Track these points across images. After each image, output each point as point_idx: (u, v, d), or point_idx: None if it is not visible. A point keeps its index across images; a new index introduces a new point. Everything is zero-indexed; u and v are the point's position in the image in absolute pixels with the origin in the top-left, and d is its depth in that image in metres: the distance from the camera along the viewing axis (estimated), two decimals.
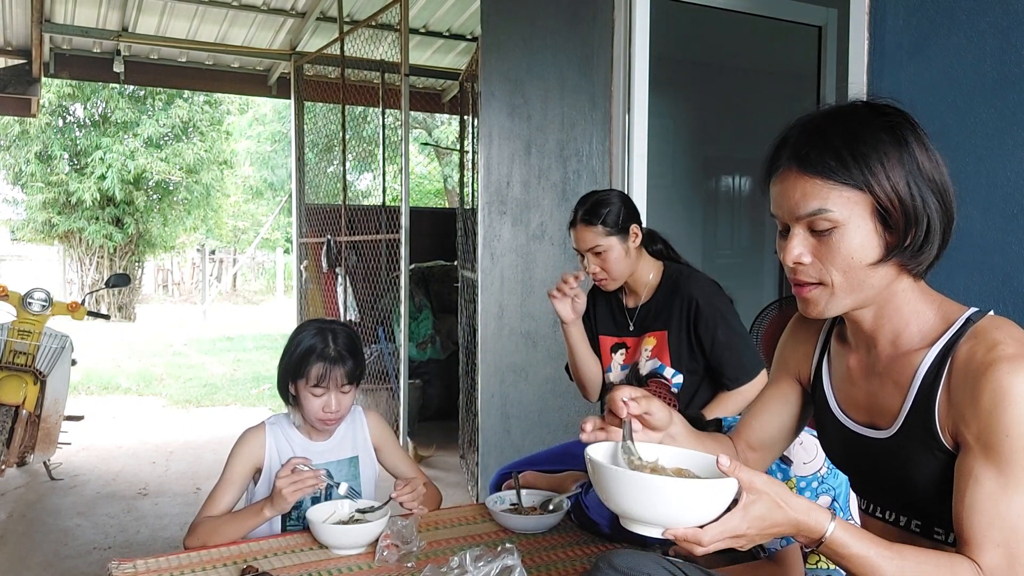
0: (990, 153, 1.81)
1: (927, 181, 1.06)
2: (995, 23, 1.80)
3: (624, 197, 2.23)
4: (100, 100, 13.58)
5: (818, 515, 1.01)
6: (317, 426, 2.02)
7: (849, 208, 1.04)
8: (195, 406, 6.93)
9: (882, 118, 1.07)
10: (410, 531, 1.83)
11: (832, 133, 1.06)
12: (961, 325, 1.09)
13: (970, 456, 1.03)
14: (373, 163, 6.23)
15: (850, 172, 1.04)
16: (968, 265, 1.84)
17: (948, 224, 1.08)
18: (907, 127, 1.07)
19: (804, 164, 1.06)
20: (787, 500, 1.01)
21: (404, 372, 4.89)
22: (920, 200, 1.05)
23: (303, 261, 6.81)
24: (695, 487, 0.99)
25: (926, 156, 1.06)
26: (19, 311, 4.16)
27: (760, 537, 1.01)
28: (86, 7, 5.84)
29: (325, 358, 1.94)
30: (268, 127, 17.37)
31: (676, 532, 0.98)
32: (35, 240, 14.43)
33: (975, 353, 1.05)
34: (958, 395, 1.05)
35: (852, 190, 1.04)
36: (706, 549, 0.98)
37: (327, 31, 6.29)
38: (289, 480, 1.83)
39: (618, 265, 2.17)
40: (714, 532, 0.98)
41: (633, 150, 2.77)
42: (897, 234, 1.05)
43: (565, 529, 2.05)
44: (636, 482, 0.98)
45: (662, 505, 0.97)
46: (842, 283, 1.08)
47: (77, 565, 3.36)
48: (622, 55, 2.80)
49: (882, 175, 1.03)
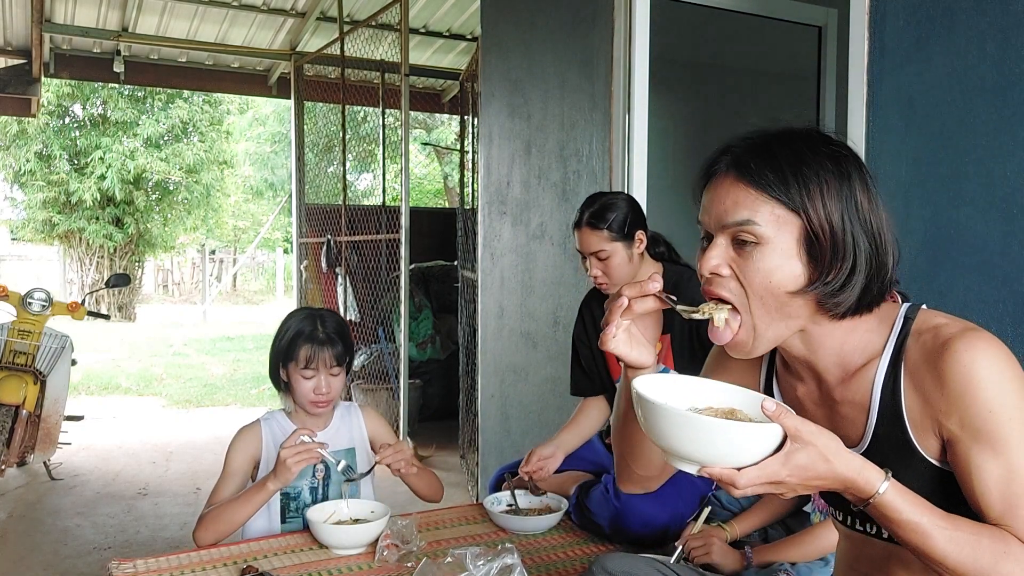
0: (990, 153, 1.81)
1: (862, 221, 1.02)
2: (995, 23, 1.80)
3: (632, 202, 2.19)
4: (99, 100, 13.57)
5: (870, 474, 0.96)
6: (309, 410, 2.04)
7: (777, 226, 1.01)
8: (195, 406, 6.93)
9: (830, 147, 1.05)
10: (410, 531, 1.83)
11: (778, 149, 1.03)
12: (901, 327, 1.06)
13: (962, 447, 1.00)
14: (373, 163, 6.23)
15: (787, 190, 1.01)
16: (967, 267, 1.84)
17: (876, 272, 1.03)
18: (853, 163, 1.05)
19: (742, 172, 1.04)
20: (837, 453, 0.96)
21: (404, 372, 4.89)
22: (851, 237, 1.01)
23: (303, 261, 6.81)
24: (738, 429, 0.96)
25: (866, 196, 1.03)
26: (19, 311, 4.16)
27: (802, 487, 0.96)
28: (86, 7, 5.84)
29: (314, 340, 1.98)
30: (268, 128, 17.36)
31: (712, 471, 0.95)
32: (35, 240, 14.43)
33: (925, 346, 1.03)
34: (924, 393, 1.02)
35: (784, 209, 1.01)
36: (743, 492, 0.95)
37: (327, 31, 6.29)
38: (293, 450, 1.85)
39: (620, 271, 2.13)
40: (751, 475, 0.94)
41: (633, 150, 2.77)
42: (820, 267, 1.01)
43: (565, 529, 2.05)
44: (678, 419, 0.96)
45: (702, 444, 0.95)
46: (759, 308, 1.03)
47: (77, 565, 3.36)
48: (622, 55, 2.80)
49: (819, 201, 1.00)
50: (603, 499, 2.01)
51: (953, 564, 0.96)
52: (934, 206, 1.93)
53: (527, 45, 3.41)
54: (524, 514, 2.09)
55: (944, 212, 1.91)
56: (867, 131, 2.09)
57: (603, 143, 2.91)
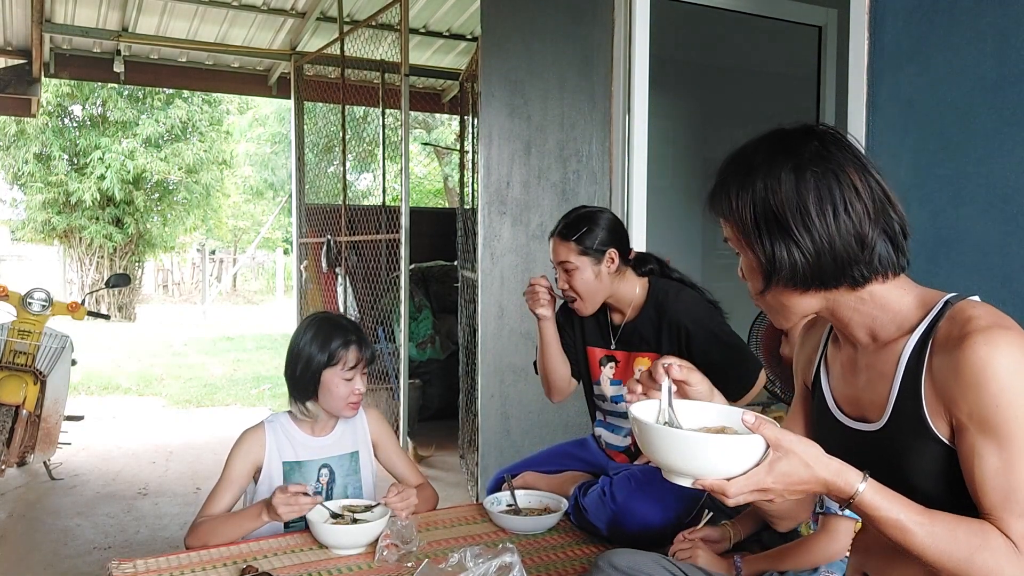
0: (990, 153, 1.81)
1: (774, 221, 1.10)
2: (994, 24, 1.80)
3: (611, 221, 2.17)
4: (98, 100, 13.57)
5: (848, 475, 1.04)
6: (344, 412, 2.05)
7: (737, 236, 1.15)
8: (195, 406, 6.93)
9: (744, 150, 1.15)
10: (410, 531, 1.83)
11: (723, 170, 1.17)
12: (940, 309, 1.11)
13: (968, 436, 1.04)
14: (373, 163, 6.23)
15: (723, 208, 1.15)
16: (967, 266, 1.84)
17: (835, 252, 1.09)
18: (766, 154, 1.12)
19: (712, 208, 1.19)
20: (816, 459, 1.04)
21: (404, 372, 4.89)
22: (767, 240, 1.11)
23: (303, 261, 6.81)
24: (720, 441, 1.05)
25: (791, 192, 1.09)
26: (19, 311, 4.16)
27: (788, 492, 1.04)
28: (86, 7, 5.84)
29: (355, 343, 2.02)
30: (268, 128, 17.37)
31: (705, 482, 1.04)
32: (35, 240, 14.42)
33: (951, 331, 1.06)
34: (941, 376, 1.06)
35: (730, 224, 1.15)
36: (734, 500, 1.03)
37: (327, 31, 6.29)
38: (285, 500, 1.85)
39: (584, 286, 2.12)
40: (740, 484, 1.03)
41: (633, 151, 2.77)
42: (764, 255, 1.12)
43: (564, 529, 2.05)
44: (668, 436, 1.07)
45: (692, 458, 1.04)
46: (766, 305, 1.19)
47: (77, 565, 3.36)
48: (622, 55, 2.80)
49: (732, 203, 1.13)
50: (600, 502, 2.01)
51: (932, 556, 1.02)
52: (934, 206, 1.93)
53: (527, 45, 3.41)
54: (524, 514, 2.09)
55: (944, 212, 1.91)
56: (867, 131, 2.09)
57: (603, 143, 2.91)
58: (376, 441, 2.17)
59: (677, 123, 4.14)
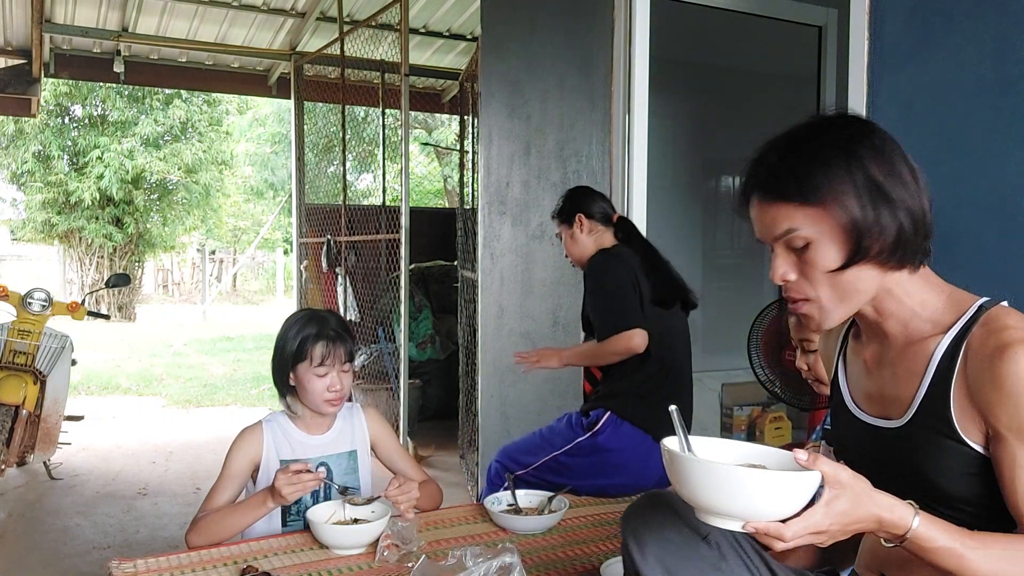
0: (989, 153, 1.81)
1: (876, 189, 1.07)
2: (994, 24, 1.80)
3: (573, 192, 2.63)
4: (97, 99, 13.57)
5: (902, 511, 1.00)
6: (323, 409, 2.03)
7: (816, 224, 1.08)
8: (195, 406, 6.92)
9: (830, 133, 1.11)
10: (410, 531, 1.83)
11: (784, 157, 1.11)
12: (974, 312, 1.11)
13: (1008, 445, 1.03)
14: (373, 163, 6.23)
15: (803, 191, 1.08)
16: (966, 266, 1.84)
17: (918, 221, 1.10)
18: (856, 138, 1.10)
19: (765, 191, 1.12)
20: (871, 495, 0.99)
21: (404, 372, 4.89)
22: (871, 209, 1.07)
23: (303, 261, 6.81)
24: (780, 479, 0.95)
25: (878, 163, 1.08)
26: (19, 311, 4.16)
27: (841, 533, 0.98)
28: (86, 7, 5.84)
29: (325, 337, 1.99)
30: (268, 128, 17.35)
31: (758, 526, 0.95)
32: (35, 240, 14.42)
33: (988, 339, 1.06)
34: (977, 383, 1.06)
35: (810, 207, 1.08)
36: (787, 544, 0.95)
37: (327, 31, 6.29)
38: (287, 480, 1.84)
39: (570, 248, 2.61)
40: (797, 527, 0.95)
41: (633, 151, 2.77)
42: (857, 237, 1.08)
43: (565, 529, 2.05)
44: (717, 473, 0.94)
45: (743, 498, 0.93)
46: (829, 295, 1.11)
47: (77, 565, 3.36)
48: (622, 56, 2.80)
49: (826, 190, 1.07)
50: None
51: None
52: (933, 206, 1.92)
53: (527, 45, 3.41)
54: (524, 514, 2.09)
55: (944, 212, 1.90)
56: None
57: (603, 143, 2.91)
58: (375, 440, 2.17)
59: (677, 123, 4.15)
